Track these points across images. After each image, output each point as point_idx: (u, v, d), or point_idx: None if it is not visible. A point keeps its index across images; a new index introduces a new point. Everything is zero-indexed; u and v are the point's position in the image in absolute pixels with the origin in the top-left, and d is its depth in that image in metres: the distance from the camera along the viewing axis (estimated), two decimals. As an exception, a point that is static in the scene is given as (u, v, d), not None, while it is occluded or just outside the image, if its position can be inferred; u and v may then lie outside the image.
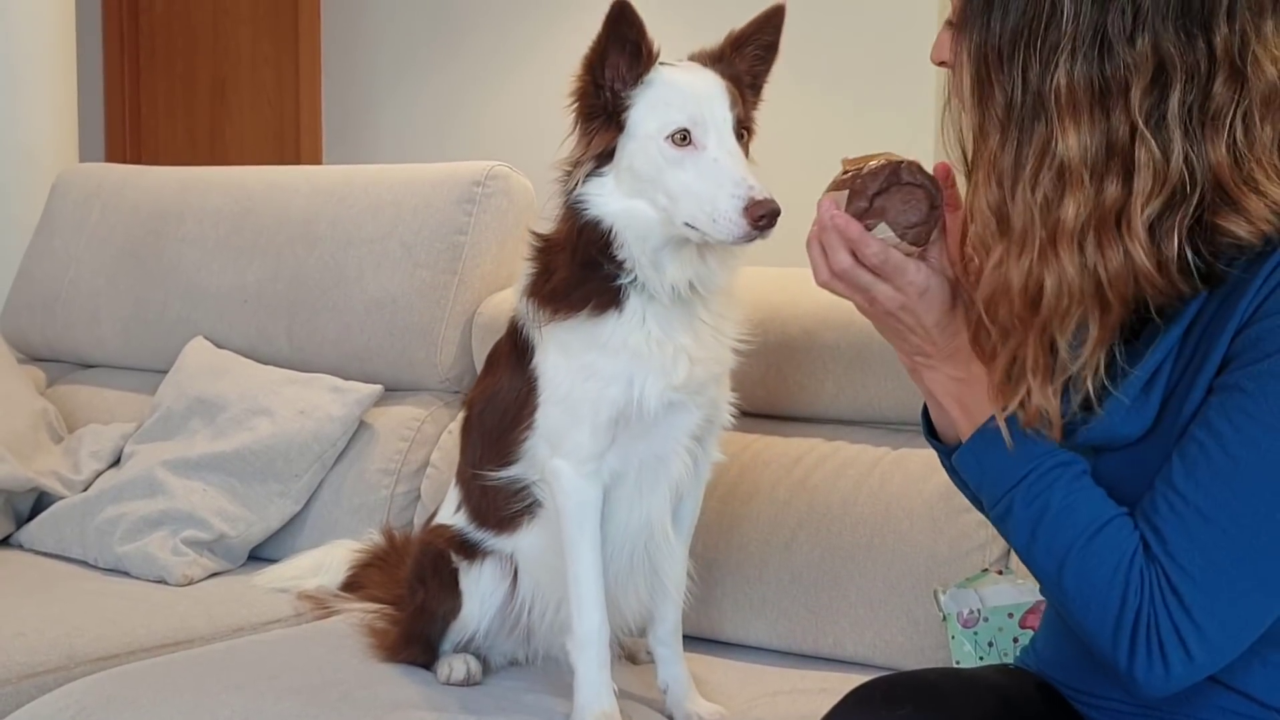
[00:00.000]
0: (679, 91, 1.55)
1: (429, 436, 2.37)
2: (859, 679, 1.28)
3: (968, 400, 1.23)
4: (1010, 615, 1.72)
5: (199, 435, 2.41)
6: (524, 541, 1.75)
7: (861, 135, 3.35)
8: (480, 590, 1.77)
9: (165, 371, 2.59)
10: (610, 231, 1.57)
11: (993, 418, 1.20)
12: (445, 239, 2.39)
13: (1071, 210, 1.09)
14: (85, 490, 2.44)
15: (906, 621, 1.85)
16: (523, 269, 1.70)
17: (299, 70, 4.46)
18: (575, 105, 1.59)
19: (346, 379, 2.41)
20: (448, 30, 4.08)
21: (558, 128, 1.98)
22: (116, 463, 2.50)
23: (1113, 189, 1.09)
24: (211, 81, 4.71)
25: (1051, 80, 1.09)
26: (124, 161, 4.41)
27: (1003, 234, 1.13)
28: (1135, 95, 1.08)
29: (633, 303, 1.60)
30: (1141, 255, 1.09)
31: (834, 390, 2.02)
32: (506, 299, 2.36)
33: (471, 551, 1.79)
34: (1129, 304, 1.12)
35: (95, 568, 2.31)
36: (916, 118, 3.27)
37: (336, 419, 2.35)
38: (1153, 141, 1.08)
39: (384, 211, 2.46)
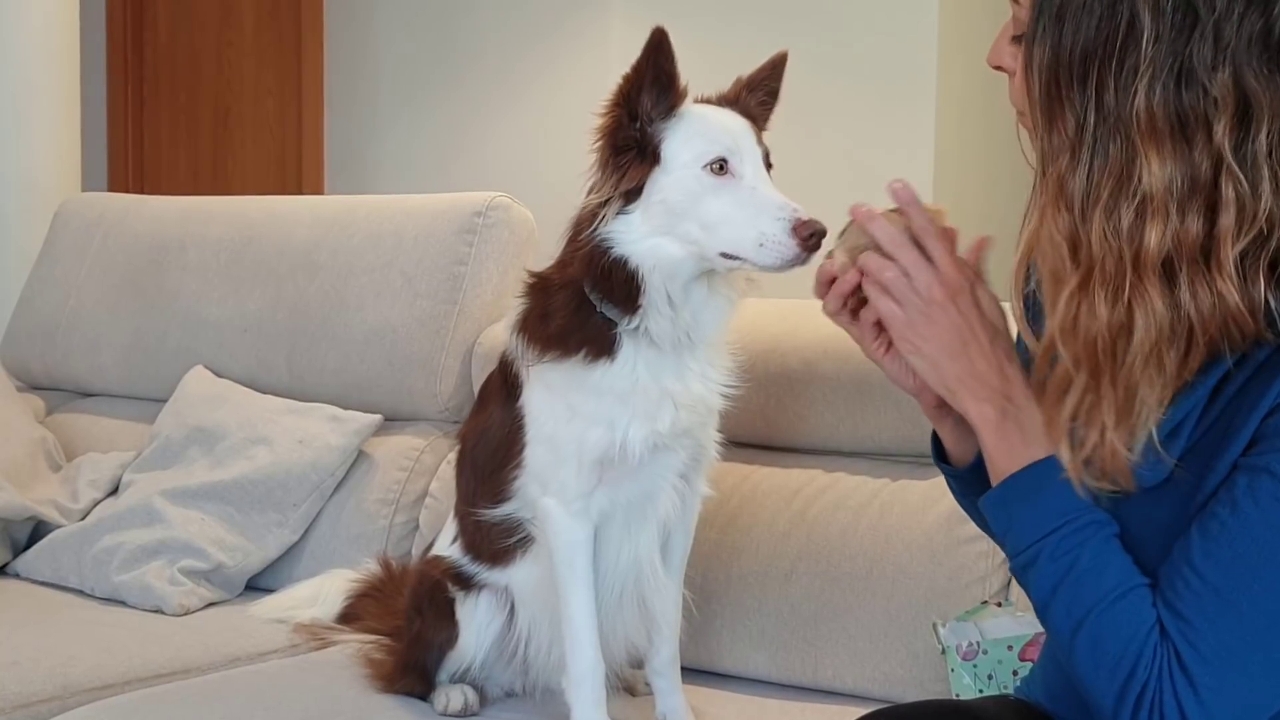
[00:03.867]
0: (712, 124, 1.56)
1: (428, 466, 2.36)
2: (858, 711, 1.28)
3: (1016, 444, 1.17)
4: (1010, 648, 1.71)
5: (197, 464, 2.40)
6: (518, 575, 1.74)
7: (860, 160, 3.36)
8: (476, 621, 1.77)
9: (165, 400, 2.59)
10: (636, 271, 1.55)
11: (1031, 465, 1.15)
12: (446, 269, 2.40)
13: (1155, 240, 1.05)
14: (83, 519, 2.44)
15: (906, 654, 1.84)
16: (513, 305, 1.70)
17: (301, 101, 4.48)
18: (603, 140, 1.56)
19: (346, 408, 2.40)
20: (450, 62, 4.10)
21: (558, 159, 1.98)
22: (115, 491, 2.49)
23: (1195, 224, 1.04)
24: (214, 112, 4.73)
25: (1131, 105, 1.05)
26: (127, 191, 4.42)
27: (1076, 263, 1.08)
28: (1219, 130, 1.04)
29: (626, 350, 1.59)
30: (1234, 295, 1.04)
31: (833, 422, 2.02)
32: (505, 330, 2.36)
33: (468, 583, 1.79)
34: (1213, 347, 1.07)
35: (92, 597, 2.30)
36: (916, 136, 3.29)
37: (335, 448, 2.34)
38: (1240, 178, 1.04)
39: (385, 241, 2.47)
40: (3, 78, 3.33)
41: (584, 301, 1.59)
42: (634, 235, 1.55)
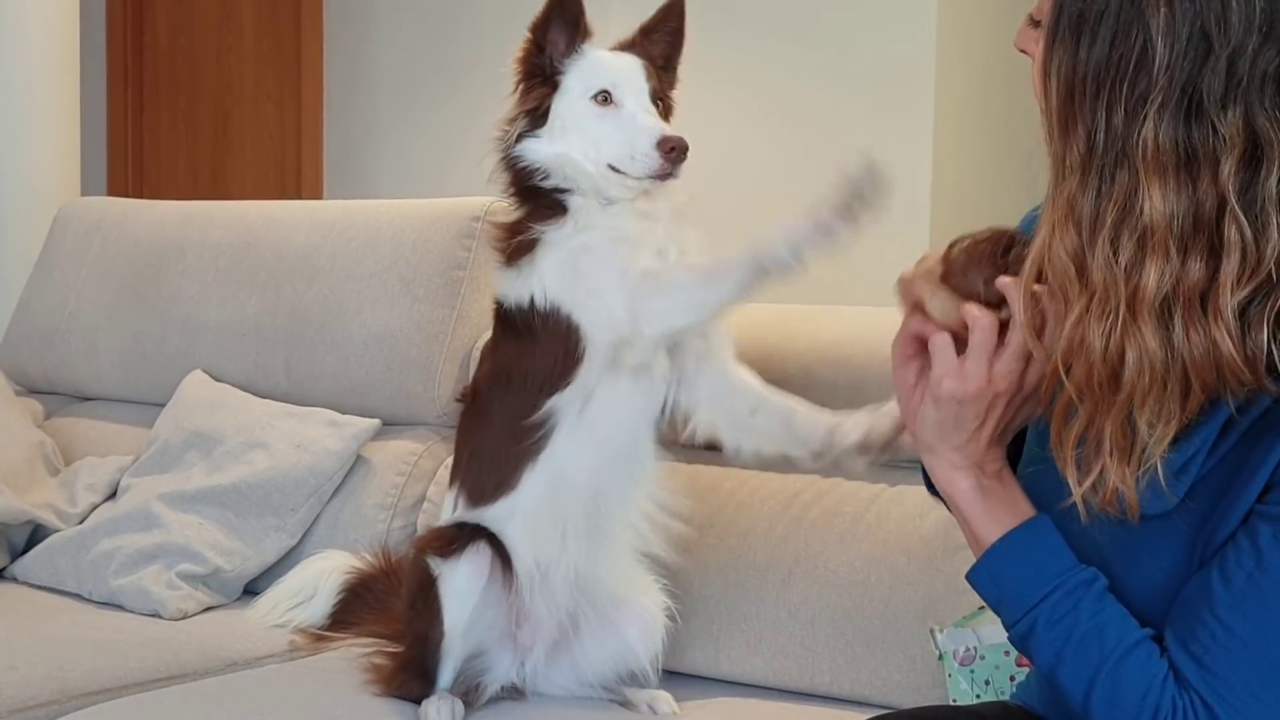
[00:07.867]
0: (603, 62, 1.83)
1: (426, 471, 2.36)
2: (855, 717, 1.28)
3: (997, 512, 1.18)
4: (1007, 653, 1.71)
5: (195, 469, 2.40)
6: (529, 489, 1.77)
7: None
8: (456, 589, 1.77)
9: (163, 404, 2.59)
10: (544, 171, 1.80)
11: (1010, 533, 1.16)
12: (444, 274, 2.40)
13: (1153, 280, 1.02)
14: (81, 523, 2.44)
15: (903, 659, 1.84)
16: (494, 260, 1.85)
17: (301, 105, 4.48)
18: (518, 67, 1.83)
19: (344, 413, 2.41)
20: (449, 67, 4.10)
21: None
22: (112, 496, 2.49)
23: (1196, 267, 1.02)
24: (214, 116, 4.73)
25: (1139, 133, 1.03)
26: (126, 195, 4.42)
27: (1083, 286, 1.07)
28: (1226, 169, 1.01)
29: (576, 205, 1.79)
30: (1229, 345, 1.02)
31: (831, 427, 2.02)
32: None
33: (449, 548, 1.78)
34: (1209, 391, 1.05)
35: (89, 601, 2.29)
36: (916, 133, 3.29)
37: (333, 453, 2.34)
38: (1244, 222, 1.01)
39: (383, 246, 2.47)
40: (2, 81, 3.33)
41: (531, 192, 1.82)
42: (541, 147, 1.80)
